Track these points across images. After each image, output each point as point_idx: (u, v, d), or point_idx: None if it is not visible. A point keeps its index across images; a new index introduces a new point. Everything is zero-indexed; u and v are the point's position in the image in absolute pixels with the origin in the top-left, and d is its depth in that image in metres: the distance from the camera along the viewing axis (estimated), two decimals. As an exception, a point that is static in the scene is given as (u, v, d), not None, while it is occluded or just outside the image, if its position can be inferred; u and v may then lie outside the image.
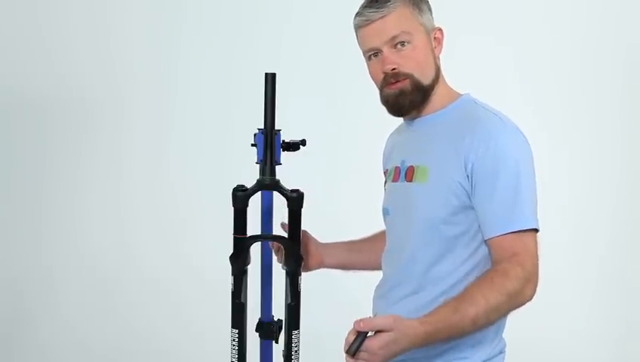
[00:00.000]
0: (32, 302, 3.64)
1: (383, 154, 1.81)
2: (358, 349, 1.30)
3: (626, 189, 3.58)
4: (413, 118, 1.62)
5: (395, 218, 1.63)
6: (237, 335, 1.85)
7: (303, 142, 2.01)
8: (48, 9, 3.68)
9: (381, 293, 1.66)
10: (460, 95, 1.60)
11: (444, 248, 1.50)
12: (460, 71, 1.77)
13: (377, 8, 1.52)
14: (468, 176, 1.45)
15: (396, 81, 1.54)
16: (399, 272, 1.59)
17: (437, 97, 1.58)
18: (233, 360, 1.86)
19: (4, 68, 3.68)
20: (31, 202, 3.71)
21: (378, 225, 1.83)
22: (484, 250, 1.49)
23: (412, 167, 1.57)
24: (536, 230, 1.45)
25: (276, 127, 1.96)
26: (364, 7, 1.56)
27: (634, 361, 3.44)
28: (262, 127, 1.95)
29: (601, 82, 3.56)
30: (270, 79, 1.92)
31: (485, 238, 1.46)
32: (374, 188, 2.00)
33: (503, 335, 1.57)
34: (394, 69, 1.53)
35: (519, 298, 1.39)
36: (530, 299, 1.42)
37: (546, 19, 3.57)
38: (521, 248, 1.41)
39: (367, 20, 1.54)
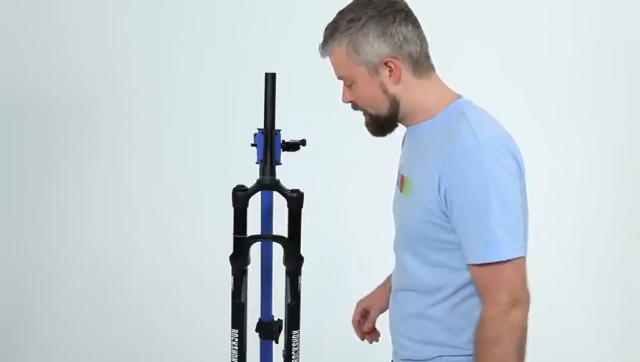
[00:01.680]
0: (33, 301, 3.64)
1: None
2: None
3: (626, 190, 3.57)
4: (410, 125, 1.57)
5: (396, 225, 1.63)
6: (237, 335, 1.85)
7: (303, 142, 2.02)
8: (49, 9, 3.68)
9: (391, 295, 1.67)
10: (454, 99, 1.52)
11: (433, 260, 1.48)
12: (459, 72, 1.77)
13: (322, 49, 1.53)
14: (442, 199, 1.41)
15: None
16: (399, 277, 1.62)
17: (427, 106, 1.51)
18: (233, 360, 1.86)
19: (4, 68, 3.67)
20: (31, 202, 3.71)
21: (378, 224, 1.84)
22: None
23: (403, 177, 1.57)
24: (515, 258, 1.38)
25: (276, 127, 1.96)
26: None
27: None
28: (262, 127, 1.95)
29: (600, 81, 3.55)
30: (270, 79, 1.93)
31: (466, 263, 1.44)
32: (374, 188, 2.01)
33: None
34: (350, 102, 1.56)
35: (514, 331, 1.39)
36: (526, 314, 1.40)
37: (544, 18, 3.57)
38: (493, 281, 1.38)
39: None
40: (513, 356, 1.39)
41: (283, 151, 1.99)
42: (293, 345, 1.85)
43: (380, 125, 1.54)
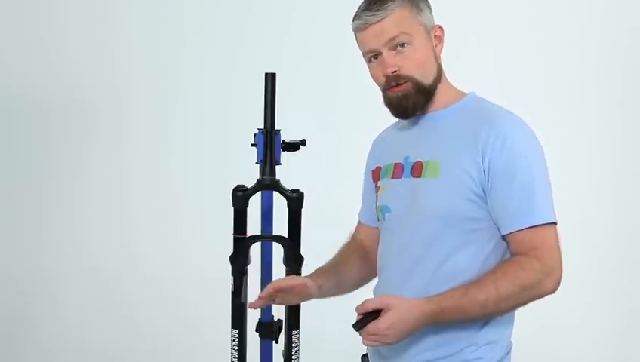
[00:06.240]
0: (32, 302, 3.64)
1: (372, 152, 1.77)
2: (362, 326, 1.39)
3: (626, 187, 3.57)
4: (417, 115, 1.60)
5: (399, 215, 1.58)
6: (237, 335, 1.85)
7: (303, 142, 2.02)
8: (48, 9, 3.68)
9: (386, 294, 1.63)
10: (465, 93, 1.60)
11: (457, 244, 1.48)
12: (457, 71, 1.76)
13: (375, 11, 1.51)
14: (484, 171, 1.45)
15: (398, 84, 1.53)
16: (405, 271, 1.54)
17: (441, 94, 1.57)
18: (233, 360, 1.86)
19: (4, 68, 3.68)
20: (31, 202, 3.71)
21: (378, 225, 1.83)
22: (498, 245, 1.48)
23: (420, 162, 1.54)
24: (554, 223, 1.46)
25: (276, 127, 1.96)
26: (362, 10, 1.55)
27: (634, 360, 3.44)
28: (262, 127, 1.95)
29: (599, 80, 3.54)
30: (270, 79, 1.93)
31: (503, 233, 1.46)
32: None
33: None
34: (395, 71, 1.52)
35: (536, 290, 1.42)
36: (553, 292, 1.44)
37: (543, 19, 3.57)
38: (540, 243, 1.43)
39: (365, 24, 1.53)
40: (514, 305, 1.43)
41: (283, 151, 2.00)
42: (293, 345, 1.85)
43: (423, 94, 1.55)
